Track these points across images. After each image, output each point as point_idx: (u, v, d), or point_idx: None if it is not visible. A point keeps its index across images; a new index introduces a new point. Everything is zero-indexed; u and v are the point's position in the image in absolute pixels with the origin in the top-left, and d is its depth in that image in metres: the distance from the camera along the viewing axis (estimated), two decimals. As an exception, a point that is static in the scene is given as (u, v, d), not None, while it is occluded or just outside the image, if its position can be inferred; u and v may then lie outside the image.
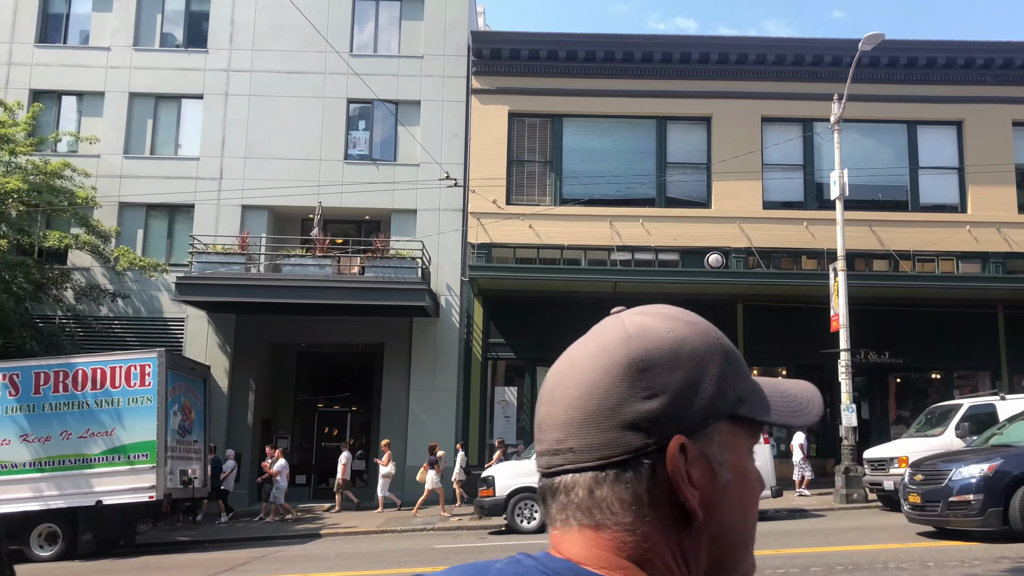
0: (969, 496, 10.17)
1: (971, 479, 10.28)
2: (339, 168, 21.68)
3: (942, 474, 10.66)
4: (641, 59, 21.96)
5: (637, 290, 20.88)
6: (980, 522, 10.14)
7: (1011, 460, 10.42)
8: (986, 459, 10.58)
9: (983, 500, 10.06)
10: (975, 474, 10.30)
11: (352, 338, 21.72)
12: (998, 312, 21.47)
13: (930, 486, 10.73)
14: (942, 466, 10.87)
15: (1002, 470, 10.22)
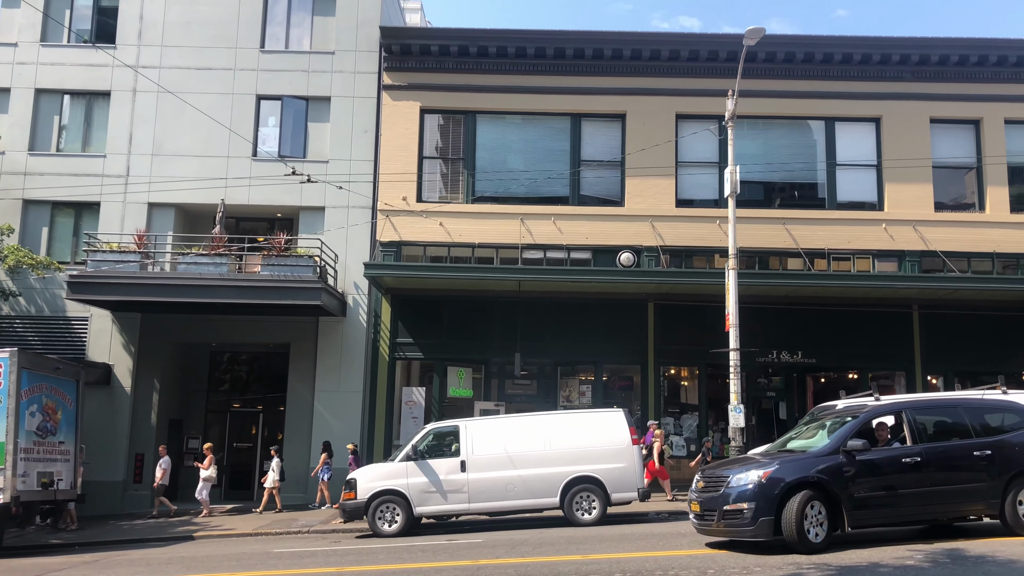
0: (743, 504, 9.61)
1: (746, 486, 9.73)
2: (247, 165, 21.42)
3: (721, 481, 10.11)
4: (553, 55, 21.68)
5: (544, 289, 20.66)
6: (752, 532, 9.59)
7: (786, 466, 9.81)
8: (765, 465, 9.94)
9: (755, 509, 9.51)
10: (751, 481, 9.74)
11: (262, 337, 21.48)
12: (913, 312, 21.19)
13: (709, 494, 10.16)
14: (722, 472, 10.33)
15: (776, 477, 9.62)
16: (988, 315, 20.92)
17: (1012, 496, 10.10)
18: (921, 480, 9.88)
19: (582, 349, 21.14)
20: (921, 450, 10.01)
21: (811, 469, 9.67)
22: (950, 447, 10.29)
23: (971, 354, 21.04)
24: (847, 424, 10.33)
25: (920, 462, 9.92)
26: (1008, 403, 11.48)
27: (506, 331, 20.80)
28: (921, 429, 10.38)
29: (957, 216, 21.40)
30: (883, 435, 10.36)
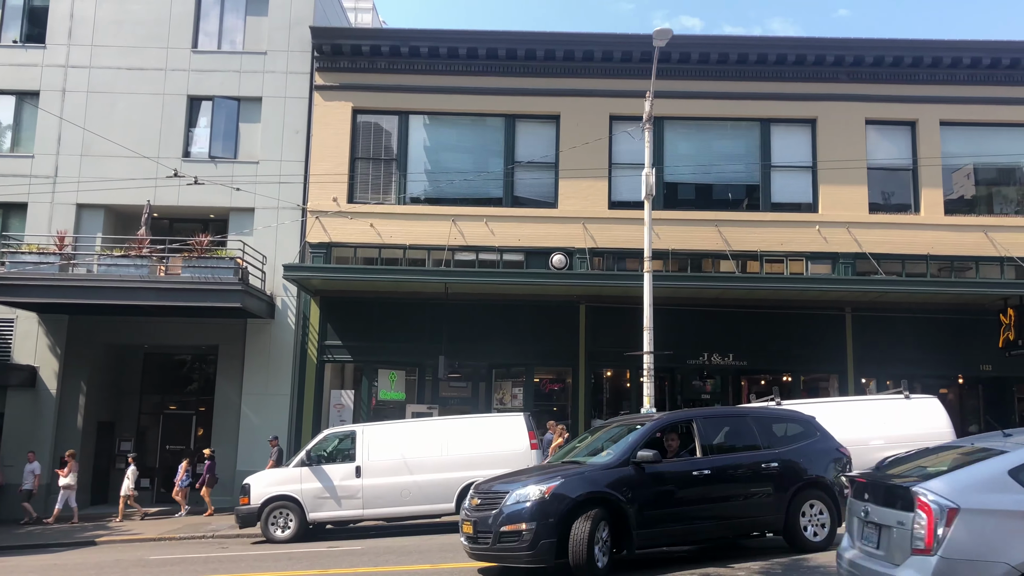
0: (521, 525, 8.42)
1: (525, 504, 8.54)
2: (178, 166, 21.22)
3: (498, 497, 8.89)
4: (486, 56, 21.53)
5: (475, 291, 20.51)
6: (531, 557, 8.43)
7: (572, 480, 8.67)
8: (547, 478, 8.80)
9: (536, 530, 8.34)
10: (531, 498, 8.55)
11: (193, 339, 21.33)
12: (846, 314, 21.06)
13: (484, 512, 8.91)
14: (499, 488, 9.09)
15: (560, 492, 8.51)
16: (921, 317, 20.78)
17: (795, 511, 9.58)
18: (711, 495, 9.25)
19: (515, 351, 20.99)
20: (711, 463, 9.38)
21: (599, 483, 8.70)
22: (739, 460, 9.66)
23: (904, 356, 20.92)
24: (635, 432, 9.51)
25: (710, 475, 9.27)
26: (792, 413, 10.99)
27: (439, 333, 20.66)
28: (711, 440, 9.77)
29: (892, 218, 21.27)
30: (672, 446, 9.76)
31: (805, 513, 9.61)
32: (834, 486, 9.82)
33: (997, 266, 21.07)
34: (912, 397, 14.83)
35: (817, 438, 10.29)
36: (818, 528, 9.64)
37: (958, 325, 20.82)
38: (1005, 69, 21.49)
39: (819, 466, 9.95)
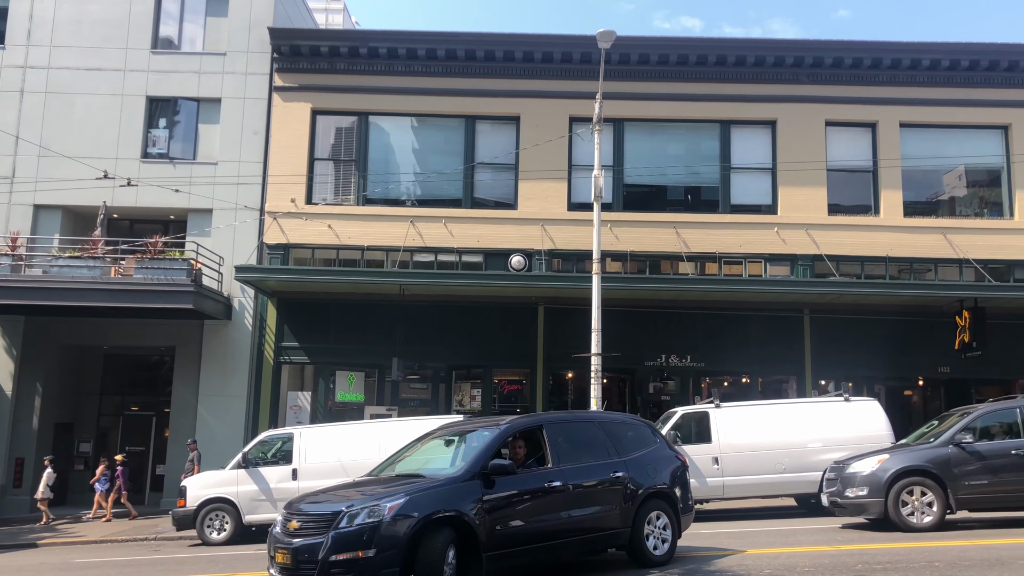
0: (358, 552, 7.08)
1: (363, 526, 7.17)
2: (136, 167, 21.19)
3: (325, 519, 7.39)
4: (445, 57, 21.49)
5: (433, 293, 20.46)
6: None
7: (419, 498, 7.47)
8: (387, 495, 7.49)
9: (376, 558, 7.07)
10: (369, 518, 7.22)
11: (150, 340, 21.28)
12: (804, 316, 21.04)
13: (308, 538, 7.38)
14: (326, 507, 7.60)
15: (405, 512, 7.30)
16: (880, 319, 20.75)
17: (640, 523, 8.90)
18: (565, 508, 8.38)
19: (474, 353, 20.96)
20: (563, 473, 8.47)
21: (451, 500, 7.57)
22: (590, 469, 8.77)
23: (863, 358, 20.90)
24: (485, 439, 8.39)
25: (563, 487, 8.39)
26: (632, 418, 10.42)
27: (399, 334, 20.60)
28: (561, 448, 8.77)
29: (851, 220, 21.25)
30: (519, 454, 8.77)
31: (650, 523, 9.02)
32: (675, 496, 9.41)
33: (956, 268, 21.05)
34: (852, 400, 14.81)
35: (657, 445, 9.72)
36: (659, 542, 9.03)
37: (916, 327, 20.79)
38: (964, 71, 21.48)
39: (662, 475, 9.38)
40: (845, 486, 11.81)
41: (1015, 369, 21.00)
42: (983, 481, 11.34)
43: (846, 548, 9.89)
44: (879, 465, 11.53)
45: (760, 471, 14.00)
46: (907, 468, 11.38)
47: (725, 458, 14.09)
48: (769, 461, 14.04)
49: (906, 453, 11.79)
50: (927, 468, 11.35)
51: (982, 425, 11.96)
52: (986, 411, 12.15)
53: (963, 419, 11.96)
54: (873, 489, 11.39)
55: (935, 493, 11.24)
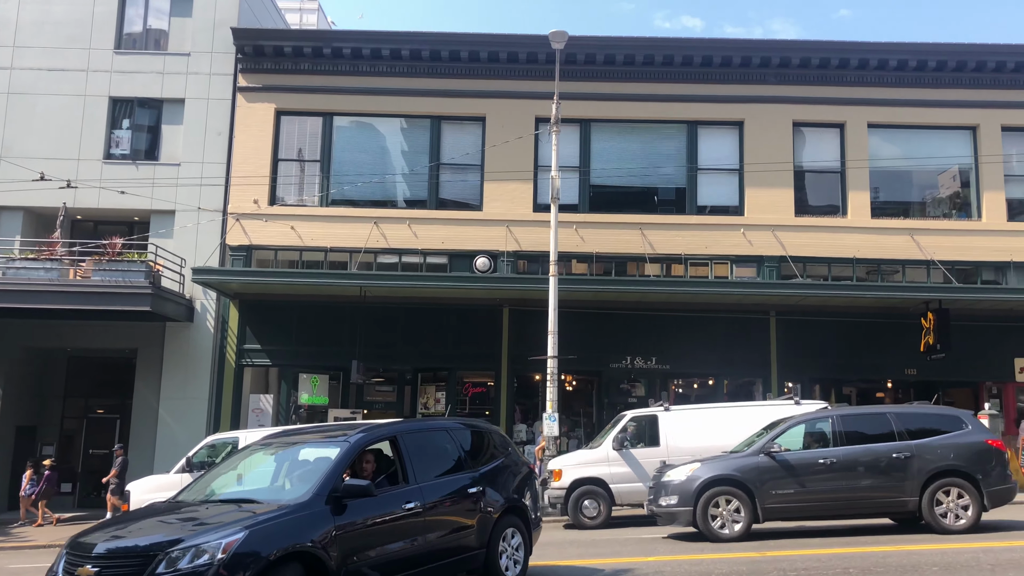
0: None
1: (195, 568, 5.83)
2: (99, 167, 21.06)
3: (140, 560, 5.95)
4: (410, 57, 21.36)
5: (396, 294, 20.34)
6: None
7: (260, 532, 6.15)
8: (220, 528, 6.12)
9: None
10: (193, 564, 5.84)
11: (113, 343, 21.10)
12: (770, 318, 20.90)
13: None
14: (137, 541, 6.26)
15: (247, 551, 6.02)
16: (846, 321, 20.63)
17: (495, 542, 8.12)
18: (422, 532, 7.38)
19: (439, 355, 20.84)
20: (422, 492, 7.52)
21: (299, 533, 6.33)
22: (448, 484, 7.93)
23: (830, 360, 20.81)
24: (333, 455, 7.13)
25: (422, 508, 7.42)
26: (483, 425, 9.41)
27: (360, 336, 20.46)
28: (415, 461, 7.76)
29: (818, 221, 21.12)
30: (368, 470, 7.55)
31: (505, 541, 8.27)
32: (527, 510, 8.68)
33: (924, 269, 20.92)
34: (803, 403, 14.68)
35: (509, 453, 8.99)
36: (511, 563, 8.31)
37: (884, 329, 20.68)
38: (932, 72, 21.36)
39: (516, 487, 8.68)
40: (659, 495, 11.70)
41: (982, 371, 20.90)
42: (790, 491, 11.18)
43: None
44: (690, 474, 11.40)
45: (708, 474, 13.85)
46: (716, 477, 11.22)
47: (673, 462, 13.93)
48: (718, 465, 13.88)
49: (719, 462, 11.65)
50: (736, 477, 11.20)
51: (796, 433, 11.88)
52: (799, 420, 12.07)
53: (779, 427, 11.90)
54: (683, 498, 11.27)
55: (743, 503, 11.10)
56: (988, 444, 11.61)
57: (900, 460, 11.32)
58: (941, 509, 11.22)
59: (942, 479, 11.24)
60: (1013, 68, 21.24)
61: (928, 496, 11.19)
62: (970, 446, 11.50)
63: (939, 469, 11.27)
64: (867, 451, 11.44)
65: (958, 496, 11.24)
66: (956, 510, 11.21)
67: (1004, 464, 11.60)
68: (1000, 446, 11.86)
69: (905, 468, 11.27)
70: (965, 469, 11.29)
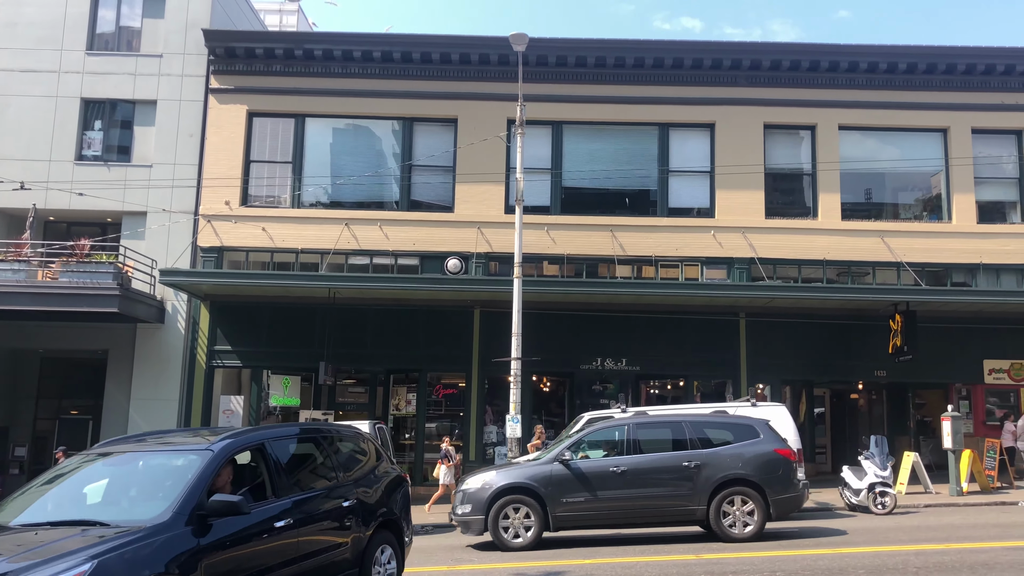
0: None
1: None
2: (70, 169, 21.06)
3: None
4: (381, 58, 21.38)
5: (365, 296, 20.34)
6: None
7: (115, 561, 5.02)
8: (52, 560, 4.90)
9: None
10: None
11: (84, 344, 21.08)
12: (740, 319, 20.95)
13: None
14: None
15: None
16: (816, 323, 20.69)
17: (369, 562, 7.42)
18: (292, 554, 6.46)
19: (411, 356, 20.85)
20: (294, 507, 6.61)
21: (158, 559, 5.28)
22: (321, 496, 7.05)
23: (800, 362, 20.87)
24: (192, 466, 6.08)
25: (292, 525, 6.49)
26: (349, 429, 8.64)
27: (331, 338, 20.47)
28: (284, 472, 6.85)
29: (788, 223, 21.16)
30: (230, 481, 6.40)
31: (377, 563, 7.55)
32: (401, 525, 8.06)
33: (894, 271, 20.98)
34: (760, 404, 14.72)
35: (382, 461, 8.25)
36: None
37: (854, 330, 20.76)
38: (903, 74, 21.42)
39: (389, 499, 8.00)
40: (457, 503, 11.70)
41: (951, 373, 20.98)
42: (580, 499, 11.20)
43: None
44: (484, 482, 11.39)
45: (664, 477, 13.88)
46: (509, 485, 11.21)
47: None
48: (673, 467, 13.91)
49: (514, 470, 11.63)
50: (528, 486, 11.18)
51: (589, 441, 11.94)
52: (593, 428, 12.14)
53: (576, 435, 11.93)
54: (476, 506, 11.26)
55: (534, 511, 11.09)
56: (777, 453, 11.65)
57: (690, 469, 11.43)
58: (728, 519, 11.30)
59: (729, 488, 11.34)
60: (983, 71, 21.30)
61: (716, 505, 11.27)
62: (759, 455, 11.56)
63: (727, 478, 11.38)
64: (658, 459, 11.54)
65: (743, 504, 11.32)
66: (742, 518, 11.28)
67: (792, 473, 11.64)
68: (788, 455, 11.85)
69: (694, 477, 11.38)
70: (752, 478, 11.37)
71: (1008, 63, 21.21)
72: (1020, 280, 21.07)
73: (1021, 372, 20.73)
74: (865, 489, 14.44)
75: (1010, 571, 8.09)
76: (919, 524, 12.40)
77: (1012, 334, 20.83)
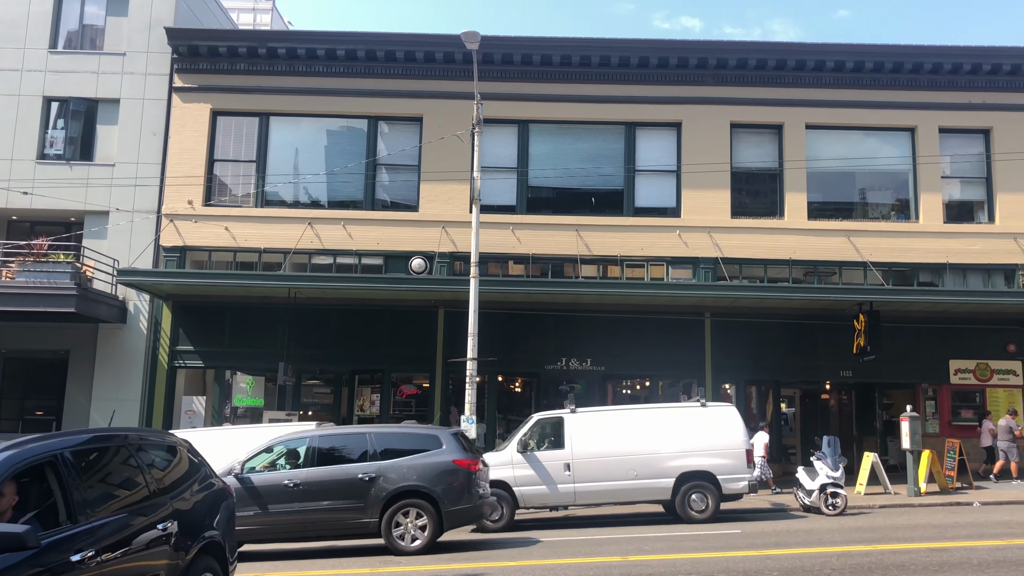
0: None
1: None
2: (32, 168, 20.93)
3: None
4: (345, 57, 21.27)
5: (328, 296, 20.21)
6: None
7: None
8: None
9: None
10: None
11: (45, 344, 20.95)
12: (706, 319, 20.84)
13: None
14: None
15: None
16: (782, 323, 20.58)
17: None
18: None
19: (375, 356, 20.73)
20: (91, 534, 5.29)
21: None
22: (128, 522, 5.73)
23: (766, 362, 20.78)
24: None
25: (92, 559, 5.19)
26: (167, 438, 7.12)
27: (297, 339, 20.34)
28: (82, 491, 5.42)
29: (755, 223, 21.06)
30: (7, 507, 4.91)
31: None
32: (224, 548, 6.95)
33: (861, 271, 20.88)
34: (709, 405, 14.61)
35: (202, 472, 7.17)
36: None
37: (820, 331, 20.67)
38: (869, 73, 21.32)
39: (215, 518, 6.93)
40: None
41: (918, 373, 20.91)
42: (250, 513, 11.02)
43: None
44: None
45: (611, 477, 13.78)
46: None
47: (577, 464, 13.88)
48: (620, 467, 13.82)
49: None
50: None
51: (275, 453, 11.80)
52: (281, 440, 11.99)
53: (258, 449, 11.74)
54: None
55: None
56: (455, 464, 11.48)
57: (364, 481, 11.29)
58: (399, 531, 11.20)
59: (402, 500, 11.26)
60: (950, 70, 21.22)
61: (388, 517, 11.17)
62: (435, 466, 11.41)
63: (400, 490, 11.27)
64: (334, 472, 11.36)
65: (416, 517, 11.22)
66: (413, 531, 11.20)
67: (469, 484, 11.48)
68: (468, 465, 11.63)
69: (368, 489, 11.25)
70: (425, 490, 11.26)
71: (975, 62, 21.12)
72: (986, 280, 20.99)
73: (987, 372, 20.64)
74: (816, 490, 14.33)
75: (921, 572, 7.99)
76: (862, 525, 12.29)
77: (978, 334, 20.75)
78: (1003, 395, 20.67)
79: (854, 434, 22.77)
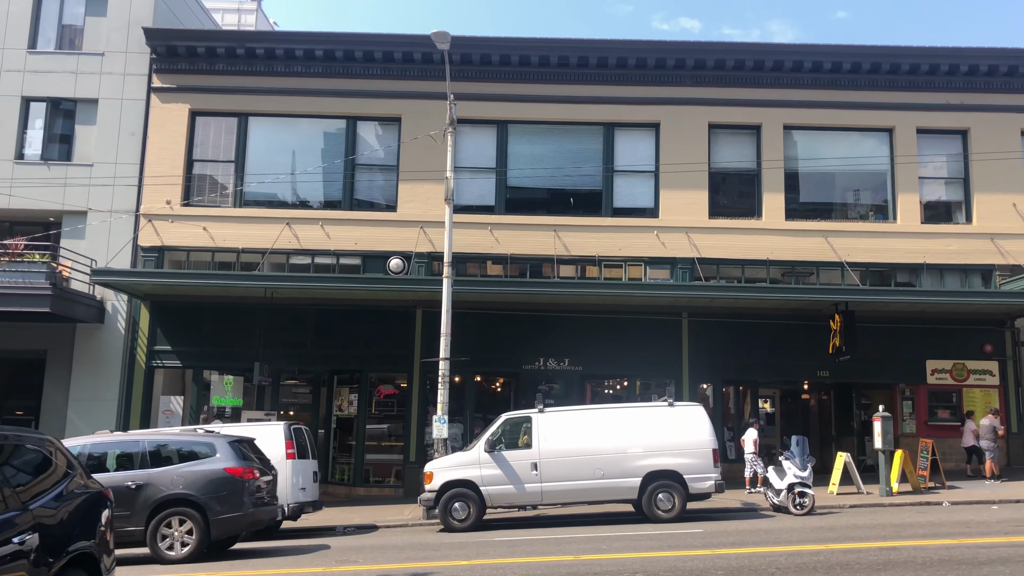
0: None
1: None
2: (10, 168, 20.94)
3: None
4: (324, 57, 21.29)
5: (305, 296, 20.25)
6: None
7: None
8: None
9: None
10: None
11: (23, 344, 20.92)
12: (683, 319, 20.88)
13: None
14: None
15: None
16: (759, 323, 20.64)
17: None
18: None
19: (354, 356, 20.76)
20: None
21: None
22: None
23: (743, 362, 20.82)
24: None
25: None
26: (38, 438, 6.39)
27: (275, 339, 20.35)
28: None
29: (732, 223, 21.09)
30: None
31: None
32: (99, 560, 6.28)
33: (838, 271, 20.92)
34: (676, 405, 14.63)
35: (73, 477, 6.43)
36: None
37: (797, 331, 20.70)
38: (847, 73, 21.37)
39: (87, 526, 6.30)
40: None
41: (895, 373, 20.95)
42: None
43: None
44: None
45: (578, 477, 13.80)
46: None
47: (544, 463, 13.90)
48: (587, 467, 13.84)
49: None
50: None
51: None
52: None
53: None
54: None
55: None
56: (227, 472, 11.41)
57: (131, 489, 11.17)
58: (167, 541, 11.15)
59: (169, 508, 11.17)
60: (927, 71, 21.26)
61: (154, 525, 11.11)
62: (206, 474, 11.35)
63: (167, 498, 11.19)
64: (103, 480, 10.46)
65: (182, 525, 11.18)
66: (181, 539, 11.16)
67: (242, 492, 11.42)
68: (240, 473, 11.53)
69: (135, 497, 11.14)
70: (193, 498, 11.19)
71: (952, 63, 21.17)
72: (963, 280, 21.04)
73: (963, 372, 20.69)
74: (785, 489, 14.36)
75: (863, 571, 8.01)
76: (825, 525, 12.30)
77: (955, 334, 20.79)
78: (980, 395, 20.71)
79: (832, 434, 22.82)
